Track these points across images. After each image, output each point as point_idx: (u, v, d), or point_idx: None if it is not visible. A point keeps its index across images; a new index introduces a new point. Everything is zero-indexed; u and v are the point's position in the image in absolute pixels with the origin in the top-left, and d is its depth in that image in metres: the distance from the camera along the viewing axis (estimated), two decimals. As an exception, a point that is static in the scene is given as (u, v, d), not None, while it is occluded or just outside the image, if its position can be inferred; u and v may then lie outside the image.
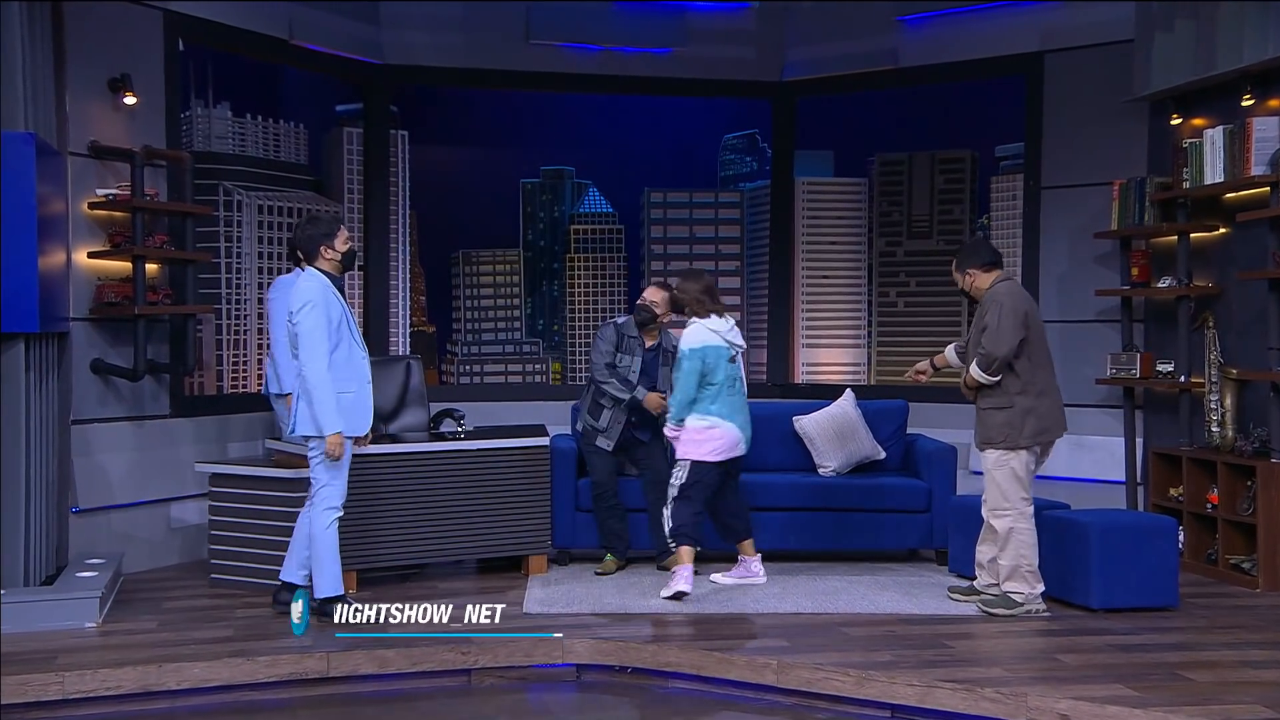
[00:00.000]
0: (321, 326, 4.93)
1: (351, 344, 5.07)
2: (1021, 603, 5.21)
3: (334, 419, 4.94)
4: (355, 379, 5.07)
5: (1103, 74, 6.92)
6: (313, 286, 4.99)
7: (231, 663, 4.58)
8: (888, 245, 8.58)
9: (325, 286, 5.02)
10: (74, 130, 5.93)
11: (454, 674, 4.77)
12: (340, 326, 5.01)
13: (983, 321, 5.19)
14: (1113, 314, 6.93)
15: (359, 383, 5.09)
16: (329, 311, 4.96)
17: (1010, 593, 5.24)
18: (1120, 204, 6.70)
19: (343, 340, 5.02)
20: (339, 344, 5.00)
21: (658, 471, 6.05)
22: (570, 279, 8.97)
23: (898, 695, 4.31)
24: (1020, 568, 5.21)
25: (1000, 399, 5.18)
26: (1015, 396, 5.16)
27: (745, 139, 9.13)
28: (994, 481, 5.24)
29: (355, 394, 5.07)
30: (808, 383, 8.35)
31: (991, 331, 5.12)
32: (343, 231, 5.16)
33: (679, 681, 4.73)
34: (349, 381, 5.05)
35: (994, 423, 5.20)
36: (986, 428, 5.23)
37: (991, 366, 5.12)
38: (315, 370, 4.93)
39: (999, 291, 5.23)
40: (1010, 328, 5.11)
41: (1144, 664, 4.51)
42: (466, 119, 8.76)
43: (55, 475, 5.68)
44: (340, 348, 5.01)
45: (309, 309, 4.93)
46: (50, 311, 5.36)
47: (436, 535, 5.86)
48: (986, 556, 5.34)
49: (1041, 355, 5.25)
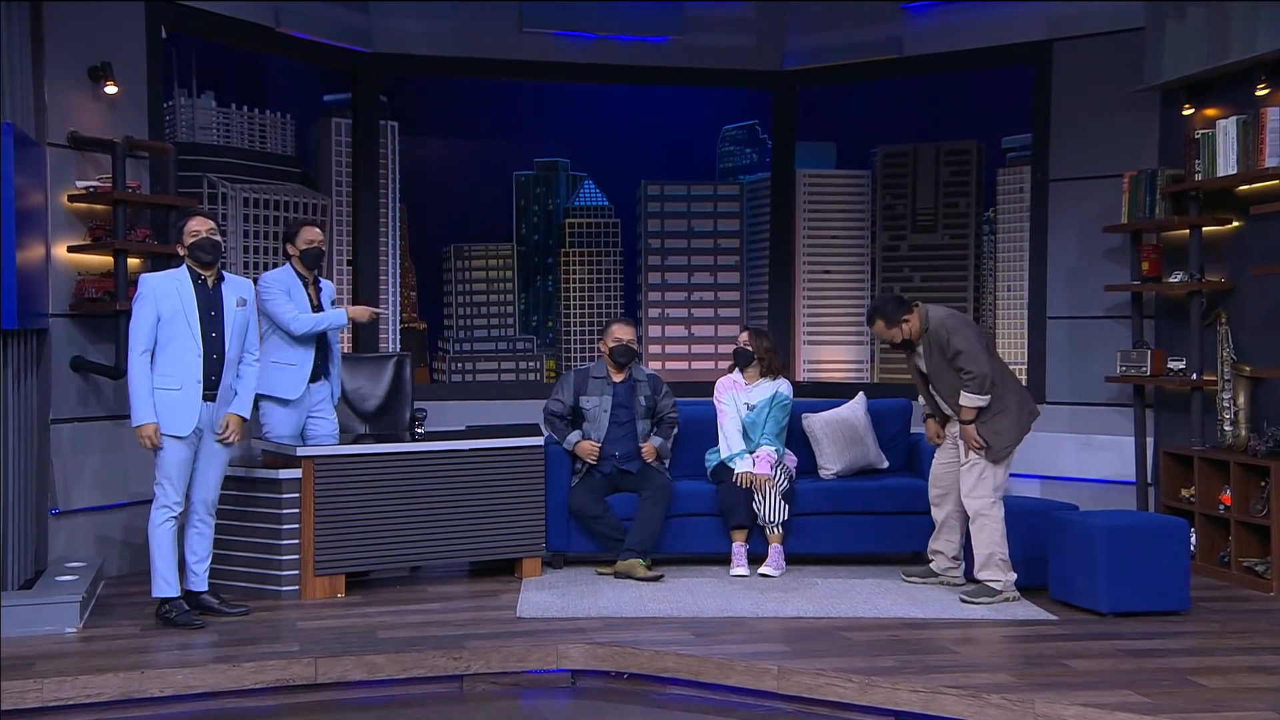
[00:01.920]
0: (145, 319, 5.06)
1: (188, 340, 5.12)
2: (1000, 590, 5.45)
3: (143, 410, 5.06)
4: (181, 376, 5.11)
5: (1113, 63, 6.92)
6: (149, 278, 5.18)
7: (216, 669, 4.57)
8: (891, 239, 8.58)
9: (174, 279, 5.15)
10: (53, 120, 5.91)
11: (446, 680, 4.77)
12: (175, 320, 5.09)
13: (949, 351, 5.49)
14: (1123, 310, 6.92)
15: (185, 380, 5.11)
16: (163, 306, 5.08)
17: (987, 581, 5.48)
18: (1130, 197, 6.70)
19: (178, 336, 5.09)
20: (173, 339, 5.09)
21: (657, 487, 6.15)
22: (565, 274, 8.96)
23: (901, 702, 4.31)
24: (994, 555, 5.48)
25: (995, 405, 5.49)
26: (1005, 396, 5.51)
27: (745, 130, 9.12)
28: (990, 474, 5.51)
29: (180, 391, 5.10)
30: (809, 380, 8.34)
31: (967, 355, 5.45)
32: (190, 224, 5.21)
33: (676, 687, 4.73)
34: (172, 379, 5.10)
35: (1002, 428, 5.50)
36: (1000, 437, 5.49)
37: (985, 385, 5.45)
38: (130, 361, 5.11)
39: (941, 319, 5.58)
40: (976, 343, 5.50)
41: (1155, 669, 4.51)
42: (458, 109, 8.74)
43: (34, 476, 5.67)
44: (174, 343, 5.09)
45: (138, 301, 5.11)
46: (28, 308, 5.35)
47: (427, 538, 5.85)
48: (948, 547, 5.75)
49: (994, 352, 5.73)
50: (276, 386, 5.86)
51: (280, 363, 5.87)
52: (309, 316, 5.85)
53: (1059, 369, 7.18)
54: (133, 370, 5.08)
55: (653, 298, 8.84)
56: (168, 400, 5.08)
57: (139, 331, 5.07)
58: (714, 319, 8.86)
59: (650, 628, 5.15)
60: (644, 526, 6.08)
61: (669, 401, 6.48)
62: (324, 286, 6.07)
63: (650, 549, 6.09)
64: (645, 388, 6.40)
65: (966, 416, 5.50)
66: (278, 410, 5.91)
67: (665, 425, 6.43)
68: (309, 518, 5.64)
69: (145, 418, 5.06)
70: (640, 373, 6.47)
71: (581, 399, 6.33)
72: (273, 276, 5.92)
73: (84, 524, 6.06)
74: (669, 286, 8.86)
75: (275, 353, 5.86)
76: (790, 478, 6.23)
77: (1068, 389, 7.11)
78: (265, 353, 5.83)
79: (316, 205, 7.78)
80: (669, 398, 6.49)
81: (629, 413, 6.32)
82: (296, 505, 5.65)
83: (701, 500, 6.27)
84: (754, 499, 6.12)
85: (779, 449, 6.29)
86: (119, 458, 6.18)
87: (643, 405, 6.36)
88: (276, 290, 5.84)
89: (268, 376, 5.80)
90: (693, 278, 8.87)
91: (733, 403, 6.37)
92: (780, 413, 6.35)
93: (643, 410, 6.36)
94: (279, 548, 5.66)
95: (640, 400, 6.36)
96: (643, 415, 6.36)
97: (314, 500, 5.64)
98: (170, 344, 5.09)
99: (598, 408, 6.29)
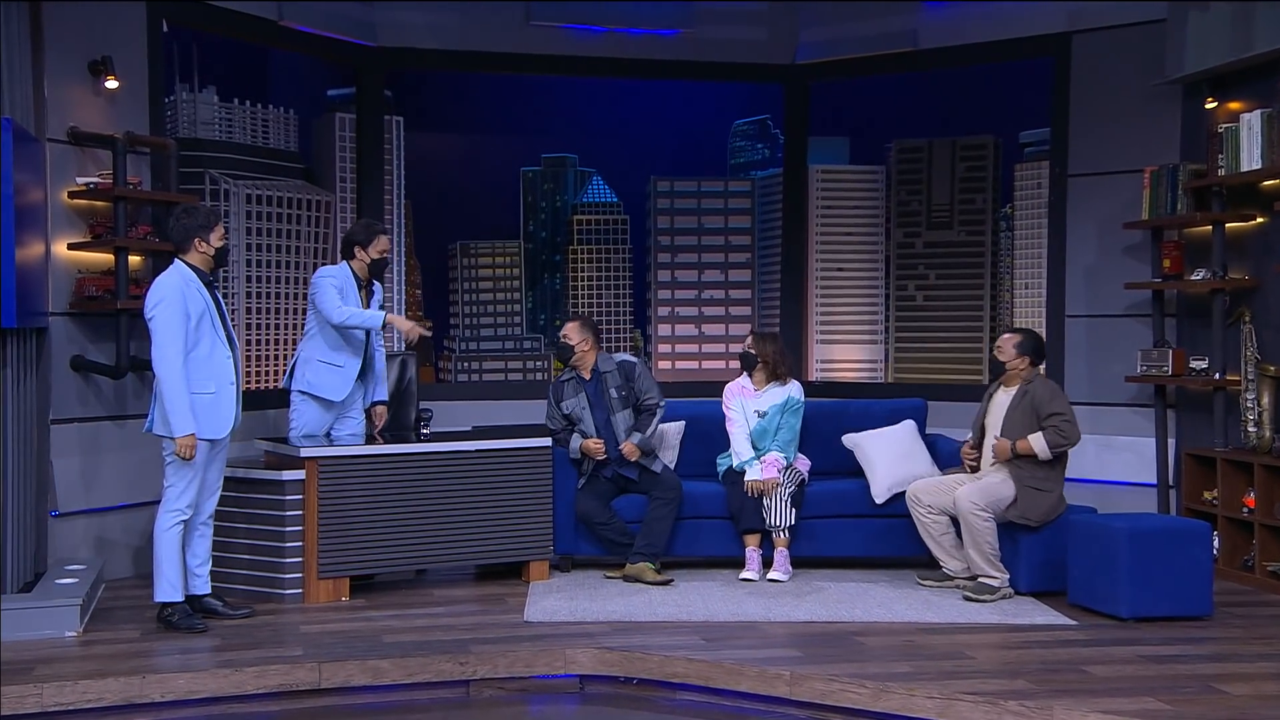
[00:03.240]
0: (175, 324, 5.01)
1: (215, 342, 5.14)
2: (997, 587, 5.66)
3: (185, 420, 5.01)
4: (215, 379, 5.13)
5: (1134, 56, 6.90)
6: (169, 283, 5.10)
7: (218, 673, 4.58)
8: (906, 236, 8.56)
9: (186, 282, 5.10)
10: (52, 115, 5.93)
11: (452, 685, 4.77)
12: (201, 324, 5.08)
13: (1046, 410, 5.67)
14: (1143, 308, 6.90)
15: (220, 383, 5.14)
16: (187, 307, 5.04)
17: (984, 579, 5.68)
18: (1151, 192, 6.67)
19: (204, 338, 5.10)
20: (199, 342, 5.08)
21: (667, 489, 6.12)
22: (573, 272, 8.96)
23: (917, 708, 4.29)
24: (986, 553, 5.67)
25: (1049, 483, 5.70)
26: (1055, 481, 5.74)
27: (756, 125, 9.11)
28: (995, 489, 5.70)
29: (215, 394, 5.12)
30: (822, 380, 8.33)
31: (1069, 421, 5.66)
32: (220, 227, 5.26)
33: (686, 693, 4.72)
34: (208, 381, 5.11)
35: (1042, 504, 5.67)
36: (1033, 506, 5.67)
37: (1057, 450, 5.65)
38: (166, 369, 5.01)
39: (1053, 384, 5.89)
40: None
41: (1176, 676, 4.49)
42: (464, 104, 8.75)
43: (34, 477, 5.68)
44: (201, 345, 5.09)
45: (163, 306, 5.03)
46: (28, 306, 5.36)
47: (432, 540, 5.86)
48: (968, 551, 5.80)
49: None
50: (323, 387, 5.94)
51: (328, 363, 5.94)
52: (348, 310, 5.87)
53: (1078, 368, 7.16)
54: (173, 378, 4.99)
55: (662, 296, 8.83)
56: (204, 404, 5.08)
57: (175, 337, 5.00)
58: (725, 318, 8.85)
59: (660, 632, 5.14)
60: (653, 529, 6.07)
61: (647, 384, 6.24)
62: (375, 290, 6.13)
63: (660, 552, 6.08)
64: (615, 378, 6.22)
65: (1021, 450, 5.66)
66: (314, 407, 5.97)
67: (645, 415, 6.19)
68: (313, 519, 5.65)
69: (188, 427, 5.03)
70: (607, 362, 6.27)
71: (563, 405, 6.29)
72: (329, 271, 5.98)
73: (84, 526, 6.08)
74: (679, 284, 8.85)
75: (323, 353, 5.95)
76: (801, 481, 6.21)
77: (1087, 389, 7.09)
78: (313, 351, 5.96)
79: (320, 202, 7.79)
80: (645, 379, 6.26)
81: (605, 410, 6.23)
82: (300, 507, 5.66)
83: (712, 502, 6.25)
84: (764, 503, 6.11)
85: (789, 456, 6.27)
86: (120, 459, 6.19)
87: (615, 397, 6.19)
88: (328, 285, 5.89)
89: (316, 375, 5.91)
90: (703, 275, 8.86)
91: (741, 410, 6.33)
92: (793, 418, 6.32)
93: (617, 402, 6.20)
94: (282, 550, 5.67)
95: (611, 393, 6.20)
96: (620, 407, 6.20)
97: (318, 502, 5.65)
98: (198, 347, 5.08)
99: (577, 407, 6.24)
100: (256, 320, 7.55)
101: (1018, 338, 5.89)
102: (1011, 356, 5.86)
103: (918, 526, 5.94)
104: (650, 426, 6.19)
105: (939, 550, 5.93)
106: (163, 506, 5.19)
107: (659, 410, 6.25)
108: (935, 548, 5.94)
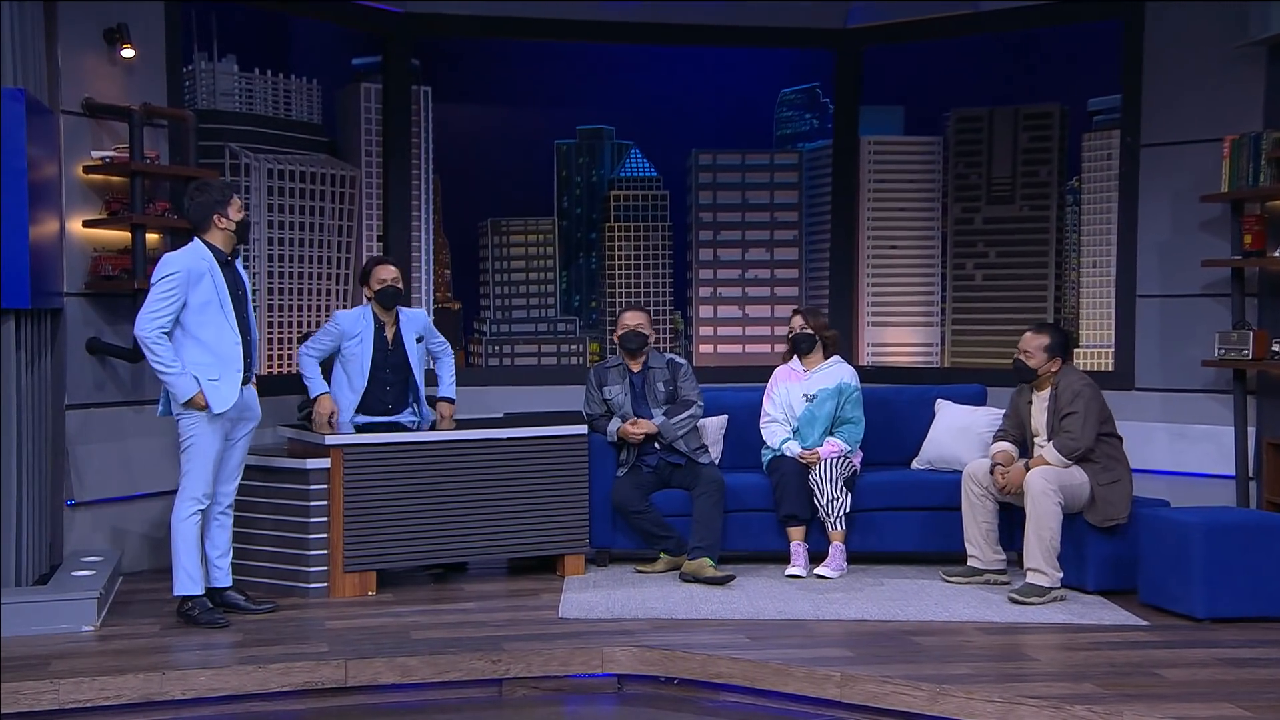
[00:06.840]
0: (170, 297, 5.03)
1: (223, 326, 5.16)
2: (1048, 587, 5.53)
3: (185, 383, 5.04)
4: (220, 365, 5.15)
5: (1213, 15, 6.78)
6: (177, 258, 5.12)
7: (241, 670, 4.63)
8: (964, 211, 8.49)
9: (198, 260, 5.12)
10: (66, 86, 5.98)
11: (483, 684, 4.80)
12: (208, 307, 5.11)
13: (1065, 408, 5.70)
14: (1222, 287, 6.81)
15: (225, 370, 5.16)
16: (196, 286, 5.07)
17: (1033, 578, 5.55)
18: (1231, 163, 6.58)
19: (210, 322, 5.12)
20: (205, 325, 5.11)
21: (709, 482, 6.12)
22: (610, 250, 8.96)
23: (975, 712, 4.27)
24: (1047, 542, 5.52)
25: (1115, 472, 5.71)
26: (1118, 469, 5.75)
27: (805, 94, 9.06)
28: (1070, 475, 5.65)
29: (218, 381, 5.14)
30: (874, 365, 8.28)
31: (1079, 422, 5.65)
32: (236, 199, 5.27)
33: (730, 694, 4.73)
34: (211, 367, 5.12)
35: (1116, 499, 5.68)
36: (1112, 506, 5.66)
37: (1072, 455, 5.64)
38: (148, 333, 5.02)
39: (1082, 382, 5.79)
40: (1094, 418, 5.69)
41: (1257, 681, 4.45)
42: (495, 73, 8.76)
43: (48, 465, 5.76)
44: (207, 329, 5.12)
45: (169, 279, 5.05)
46: (41, 286, 5.43)
47: (463, 533, 5.89)
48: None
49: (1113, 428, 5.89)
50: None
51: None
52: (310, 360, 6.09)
53: (1150, 352, 7.08)
54: (157, 342, 5.03)
55: (704, 276, 8.81)
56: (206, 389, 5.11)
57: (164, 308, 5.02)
58: (770, 299, 8.82)
59: (702, 630, 5.15)
60: (705, 524, 6.05)
61: (690, 384, 6.39)
62: (404, 319, 6.18)
63: (717, 545, 6.04)
64: (663, 374, 6.38)
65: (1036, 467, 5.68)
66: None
67: (679, 405, 6.31)
68: (338, 511, 5.69)
69: (189, 388, 5.06)
70: (658, 359, 6.45)
71: (604, 390, 6.33)
72: (344, 317, 6.14)
73: (101, 516, 6.16)
74: (721, 264, 8.83)
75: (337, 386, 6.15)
76: (854, 471, 6.18)
77: (1160, 374, 7.01)
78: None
79: (344, 176, 7.83)
80: (689, 379, 6.41)
81: (646, 405, 6.30)
82: (325, 498, 5.70)
83: (757, 494, 6.25)
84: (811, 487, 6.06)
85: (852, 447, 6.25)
86: (138, 445, 6.27)
87: (661, 392, 6.33)
88: (328, 330, 6.10)
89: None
90: (747, 254, 8.83)
91: (784, 398, 6.34)
92: (854, 409, 6.31)
93: (661, 398, 6.33)
94: (306, 542, 5.72)
95: (659, 387, 6.33)
96: (663, 402, 6.33)
97: (343, 492, 5.69)
98: (203, 330, 5.12)
99: (620, 394, 6.30)
100: (278, 301, 7.60)
101: (1044, 339, 5.81)
102: (1042, 361, 5.81)
103: (964, 507, 5.90)
104: (680, 417, 6.25)
105: (975, 535, 5.88)
106: (180, 495, 5.25)
107: (695, 409, 6.33)
108: (974, 531, 5.88)
